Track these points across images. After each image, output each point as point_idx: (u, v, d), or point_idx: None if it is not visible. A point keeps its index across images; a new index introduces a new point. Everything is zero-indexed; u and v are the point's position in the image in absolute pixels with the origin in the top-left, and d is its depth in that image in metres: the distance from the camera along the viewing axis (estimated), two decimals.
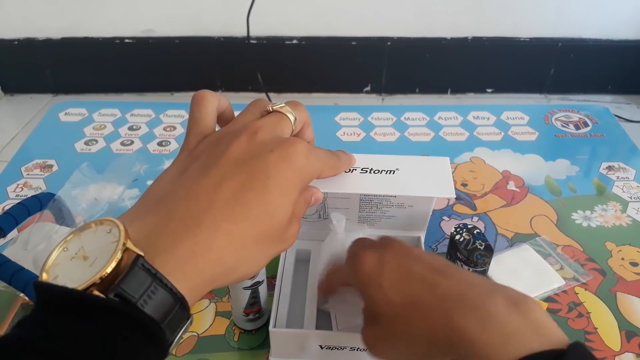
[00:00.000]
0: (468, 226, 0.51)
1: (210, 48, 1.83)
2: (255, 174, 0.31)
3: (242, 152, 0.32)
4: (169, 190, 0.31)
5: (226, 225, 0.29)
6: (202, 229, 0.28)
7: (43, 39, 1.82)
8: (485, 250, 0.49)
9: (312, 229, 0.57)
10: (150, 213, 0.30)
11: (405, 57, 1.85)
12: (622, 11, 1.75)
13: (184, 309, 0.27)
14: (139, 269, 0.25)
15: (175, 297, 0.26)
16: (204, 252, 0.28)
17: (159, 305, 0.25)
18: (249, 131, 0.33)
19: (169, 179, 0.33)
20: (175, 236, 0.28)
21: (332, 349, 0.48)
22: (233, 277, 0.31)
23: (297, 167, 0.32)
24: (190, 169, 0.32)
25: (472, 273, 0.36)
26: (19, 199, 0.66)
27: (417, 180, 0.46)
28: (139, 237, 0.27)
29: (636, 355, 0.51)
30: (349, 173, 0.45)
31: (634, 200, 0.70)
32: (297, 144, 0.33)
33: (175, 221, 0.29)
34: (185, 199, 0.30)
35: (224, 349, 0.52)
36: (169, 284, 0.26)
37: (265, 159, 0.31)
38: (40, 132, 0.86)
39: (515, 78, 1.89)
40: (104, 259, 0.25)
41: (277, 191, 0.31)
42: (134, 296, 0.24)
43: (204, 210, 0.29)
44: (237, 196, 0.30)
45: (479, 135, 0.84)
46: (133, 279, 0.25)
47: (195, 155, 0.34)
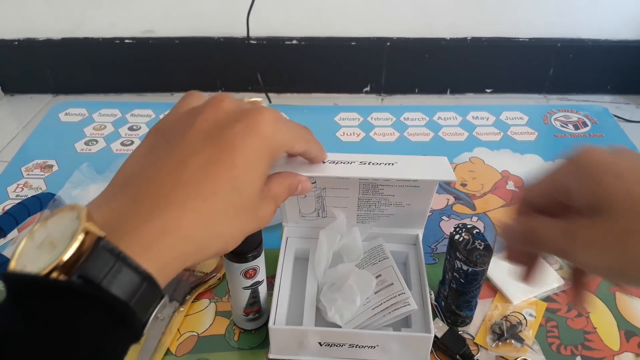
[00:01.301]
0: (467, 226, 0.51)
1: (210, 48, 1.83)
2: (222, 147, 0.30)
3: (208, 124, 0.31)
4: (137, 170, 0.31)
5: (194, 202, 0.29)
6: (169, 207, 0.28)
7: (43, 39, 1.82)
8: (484, 250, 0.49)
9: (311, 227, 0.58)
10: (118, 195, 0.29)
11: (404, 57, 1.85)
12: (622, 11, 1.75)
13: (154, 287, 0.26)
14: (102, 250, 0.25)
15: (142, 275, 0.26)
16: (172, 230, 0.28)
17: (125, 285, 0.25)
18: (214, 102, 0.33)
19: (138, 158, 0.32)
20: (142, 216, 0.28)
21: (331, 346, 0.49)
22: (206, 254, 0.30)
23: (264, 136, 0.31)
24: (158, 146, 0.32)
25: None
26: (19, 199, 0.66)
27: (416, 168, 0.47)
28: (107, 220, 0.27)
29: (635, 355, 0.51)
30: (347, 164, 0.45)
31: None
32: (264, 112, 0.32)
33: (142, 201, 0.28)
34: (152, 178, 0.29)
35: (224, 349, 0.52)
36: (134, 263, 0.26)
37: (231, 129, 0.31)
38: (41, 132, 0.86)
39: (515, 78, 1.89)
40: (66, 243, 0.25)
41: (244, 164, 0.30)
42: (97, 277, 0.24)
43: (172, 188, 0.29)
44: (203, 171, 0.30)
45: (478, 135, 0.84)
46: (95, 261, 0.25)
47: (163, 132, 0.33)
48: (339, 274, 0.53)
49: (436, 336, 0.51)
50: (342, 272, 0.53)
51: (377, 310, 0.49)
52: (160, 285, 0.27)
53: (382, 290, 0.51)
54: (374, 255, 0.55)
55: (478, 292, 0.52)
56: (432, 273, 0.58)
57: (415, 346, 0.48)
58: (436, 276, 0.57)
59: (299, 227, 0.58)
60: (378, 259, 0.54)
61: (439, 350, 0.51)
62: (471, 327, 0.54)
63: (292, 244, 0.58)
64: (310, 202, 0.54)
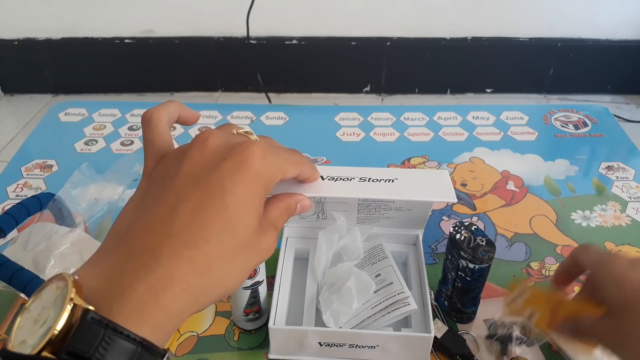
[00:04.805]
0: (465, 224, 0.51)
1: (210, 48, 1.83)
2: (211, 189, 0.29)
3: (195, 166, 0.30)
4: (129, 224, 0.30)
5: (187, 252, 0.28)
6: (160, 262, 0.27)
7: (43, 39, 1.82)
8: (487, 246, 0.49)
9: (310, 228, 0.58)
10: (111, 254, 0.29)
11: (404, 57, 1.85)
12: (622, 11, 1.75)
13: (149, 350, 0.26)
14: (89, 322, 0.25)
15: (135, 341, 0.25)
16: (165, 286, 0.27)
17: (119, 354, 0.25)
18: (199, 141, 0.31)
19: (131, 210, 0.32)
20: (135, 274, 0.27)
21: (331, 346, 0.48)
22: (207, 300, 0.30)
23: (254, 172, 0.30)
24: (148, 195, 0.31)
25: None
26: (19, 199, 0.66)
27: (416, 186, 0.46)
28: (99, 284, 0.27)
29: None
30: (346, 181, 0.44)
31: (633, 200, 0.70)
32: (250, 147, 0.31)
33: (133, 259, 0.28)
34: (143, 233, 0.29)
35: (224, 349, 0.52)
36: (125, 331, 0.25)
37: (218, 169, 0.30)
38: (40, 132, 0.86)
39: (515, 78, 1.89)
40: (55, 317, 0.24)
41: (236, 204, 0.29)
42: (86, 351, 0.24)
43: (162, 241, 0.28)
44: (194, 218, 0.29)
45: (479, 135, 0.84)
46: (83, 333, 0.24)
47: (153, 179, 0.32)
48: (339, 274, 0.53)
49: (436, 337, 0.51)
50: (342, 273, 0.53)
51: (377, 310, 0.49)
52: (160, 344, 0.27)
53: (381, 289, 0.51)
54: (374, 255, 0.55)
55: (483, 287, 0.52)
56: (432, 273, 0.58)
57: (415, 346, 0.48)
58: (436, 276, 0.57)
59: (299, 227, 0.58)
60: (377, 258, 0.54)
61: (439, 351, 0.51)
62: (472, 327, 0.54)
63: (292, 244, 0.58)
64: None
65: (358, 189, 0.43)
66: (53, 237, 0.58)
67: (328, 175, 0.43)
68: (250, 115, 0.88)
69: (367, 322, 0.49)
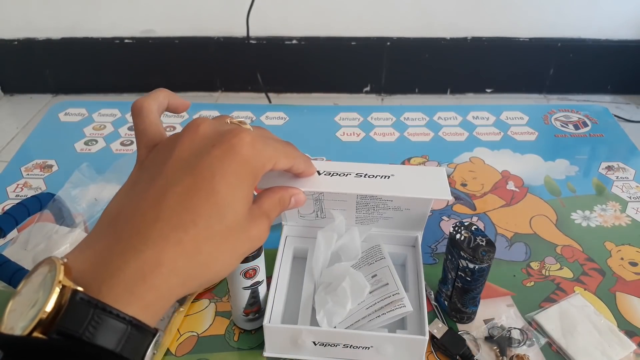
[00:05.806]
0: (465, 223, 0.51)
1: (210, 48, 1.83)
2: (200, 174, 0.30)
3: (186, 153, 0.31)
4: (119, 209, 0.31)
5: (175, 234, 0.28)
6: (148, 244, 0.28)
7: (43, 39, 1.82)
8: (487, 246, 0.49)
9: (310, 227, 0.58)
10: (101, 238, 0.29)
11: (404, 57, 1.85)
12: (622, 11, 1.75)
13: (141, 328, 0.26)
14: (78, 303, 0.25)
15: (124, 320, 0.26)
16: (153, 268, 0.27)
17: (109, 333, 0.25)
18: (191, 128, 0.32)
19: (122, 196, 0.32)
20: (124, 256, 0.27)
21: (325, 346, 0.48)
22: (196, 283, 0.30)
23: (243, 158, 0.31)
24: (139, 182, 0.32)
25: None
26: (19, 199, 0.66)
27: (412, 183, 0.46)
28: (88, 266, 0.27)
29: (636, 355, 0.51)
30: (342, 177, 0.44)
31: (634, 200, 0.70)
32: (240, 134, 0.31)
33: (122, 242, 0.28)
34: (132, 217, 0.29)
35: (224, 349, 0.52)
36: (114, 310, 0.25)
37: (208, 155, 0.30)
38: (40, 132, 0.86)
39: (515, 78, 1.89)
40: (45, 299, 0.25)
41: (225, 189, 0.30)
42: (76, 331, 0.24)
43: (151, 224, 0.28)
44: (183, 202, 0.29)
45: (479, 135, 0.84)
46: (73, 314, 0.25)
47: (145, 167, 0.33)
48: (335, 274, 0.53)
49: (436, 337, 0.51)
50: (338, 273, 0.53)
51: (371, 310, 0.49)
52: (150, 324, 0.27)
53: (377, 290, 0.51)
54: (371, 255, 0.55)
55: (483, 287, 0.52)
56: (432, 273, 0.58)
57: (410, 348, 0.48)
58: (436, 276, 0.57)
59: (298, 226, 0.58)
60: (375, 259, 0.54)
61: (439, 351, 0.51)
62: (472, 327, 0.54)
63: (290, 243, 0.58)
64: (308, 204, 0.55)
65: (354, 185, 0.44)
66: (53, 237, 0.58)
67: (325, 171, 0.43)
68: (250, 115, 0.88)
69: (361, 323, 0.49)
